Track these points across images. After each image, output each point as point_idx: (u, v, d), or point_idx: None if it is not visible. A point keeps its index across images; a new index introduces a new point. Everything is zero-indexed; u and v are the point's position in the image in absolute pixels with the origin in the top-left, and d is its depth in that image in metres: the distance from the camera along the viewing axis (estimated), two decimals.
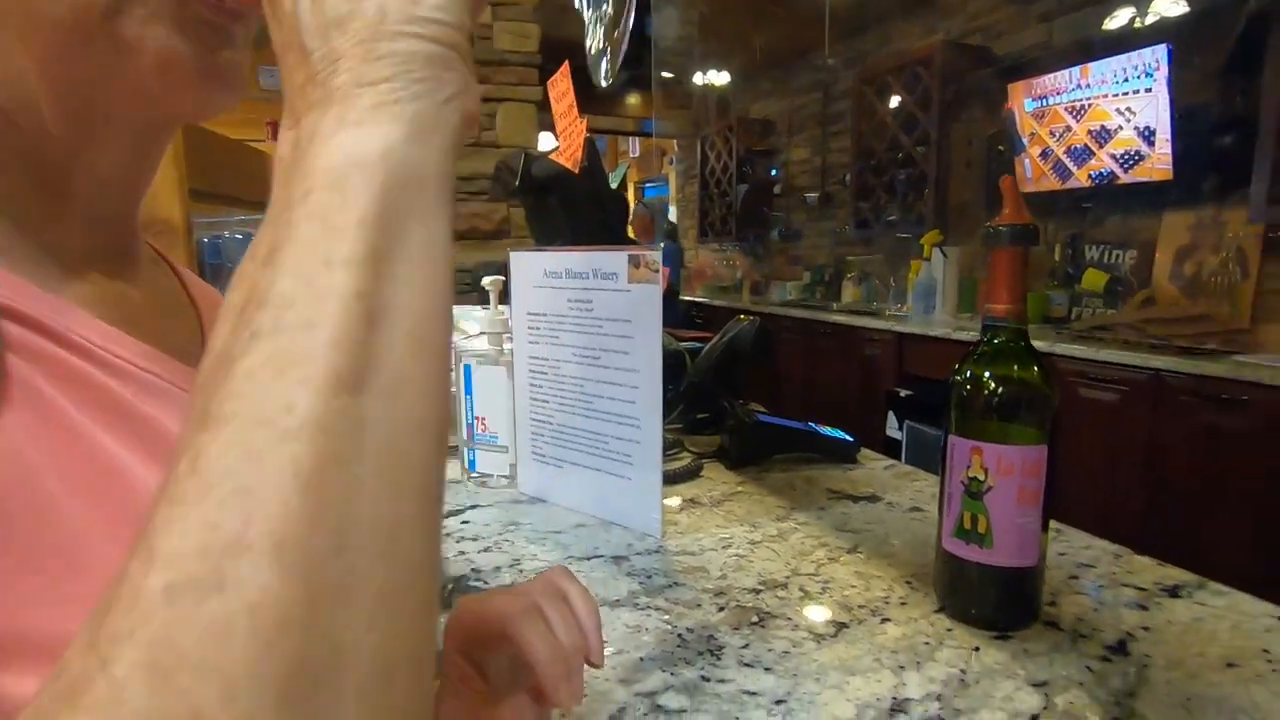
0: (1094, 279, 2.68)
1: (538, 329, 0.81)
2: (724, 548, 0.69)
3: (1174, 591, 0.60)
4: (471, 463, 0.89)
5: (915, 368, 2.95)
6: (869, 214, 3.77)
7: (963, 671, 0.49)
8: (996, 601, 0.55)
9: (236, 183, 1.08)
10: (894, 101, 3.50)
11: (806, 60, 4.55)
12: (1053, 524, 0.55)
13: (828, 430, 0.99)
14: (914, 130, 3.39)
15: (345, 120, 0.21)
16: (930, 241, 3.11)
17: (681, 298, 4.74)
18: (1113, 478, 2.10)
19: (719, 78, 5.25)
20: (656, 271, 0.69)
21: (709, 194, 5.41)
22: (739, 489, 0.86)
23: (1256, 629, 0.54)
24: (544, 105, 1.45)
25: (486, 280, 0.87)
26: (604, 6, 0.36)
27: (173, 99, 0.31)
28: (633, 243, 1.34)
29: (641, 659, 0.51)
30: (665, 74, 5.17)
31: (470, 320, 1.07)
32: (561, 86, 0.95)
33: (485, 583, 0.63)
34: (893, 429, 2.98)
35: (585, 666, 0.37)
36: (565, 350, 0.78)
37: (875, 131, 3.66)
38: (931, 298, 3.09)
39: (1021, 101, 2.88)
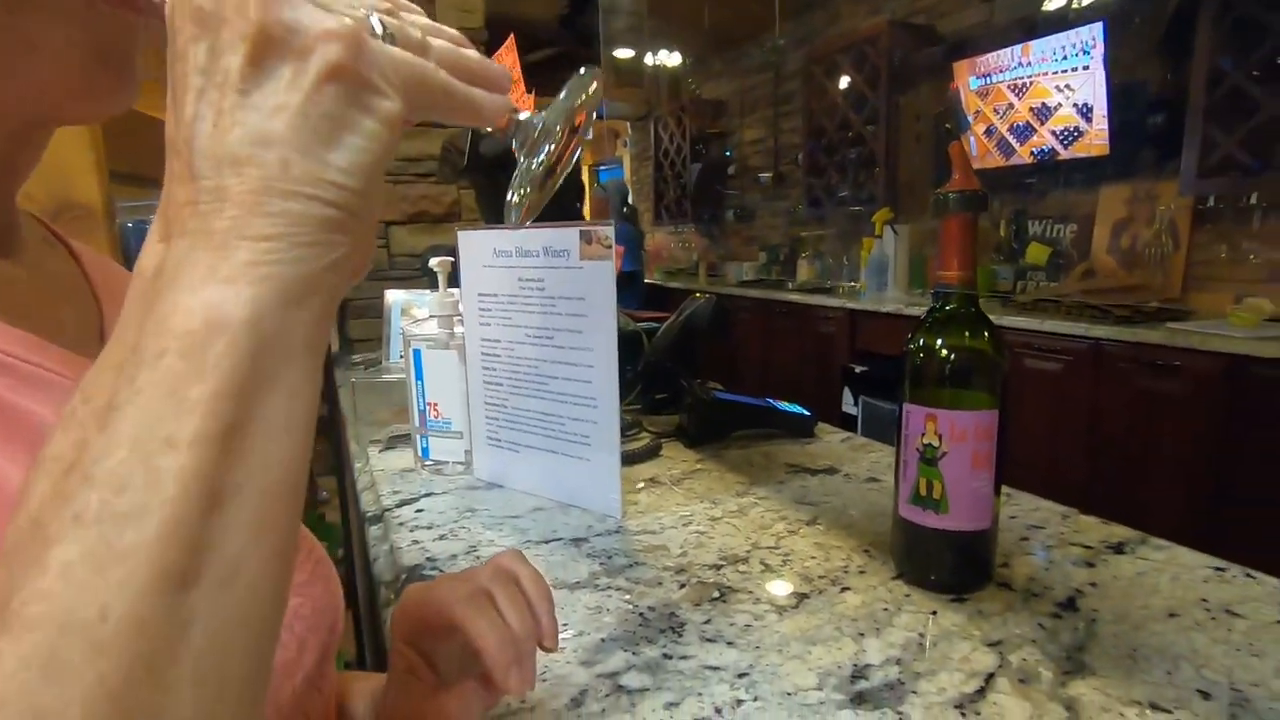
0: (1037, 253, 2.76)
1: (489, 310, 0.78)
2: (684, 525, 0.69)
3: (1118, 548, 0.62)
4: (425, 450, 0.86)
5: (869, 344, 3.01)
6: (821, 193, 3.81)
7: (921, 635, 0.49)
8: (952, 565, 0.55)
9: (161, 164, 1.02)
10: (843, 81, 3.53)
11: (757, 41, 4.55)
12: (1003, 488, 0.56)
13: (785, 406, 1.00)
14: (863, 109, 3.42)
15: (216, 273, 0.19)
16: (881, 219, 3.16)
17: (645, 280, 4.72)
18: (1057, 443, 2.18)
19: (670, 58, 5.21)
20: (609, 248, 0.67)
21: (663, 176, 5.39)
22: (698, 467, 0.86)
23: (1195, 580, 0.56)
24: None
25: (434, 262, 0.84)
26: (540, 157, 0.33)
27: (68, 100, 0.29)
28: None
29: (603, 640, 0.50)
30: (616, 54, 5.11)
31: (420, 304, 1.04)
32: (507, 61, 0.92)
33: (440, 570, 0.62)
34: (848, 405, 3.04)
35: (539, 651, 0.36)
36: (518, 331, 0.76)
37: (826, 111, 3.68)
38: (884, 274, 3.15)
39: (966, 80, 2.94)
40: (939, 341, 0.54)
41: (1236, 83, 2.02)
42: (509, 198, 0.34)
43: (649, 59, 5.15)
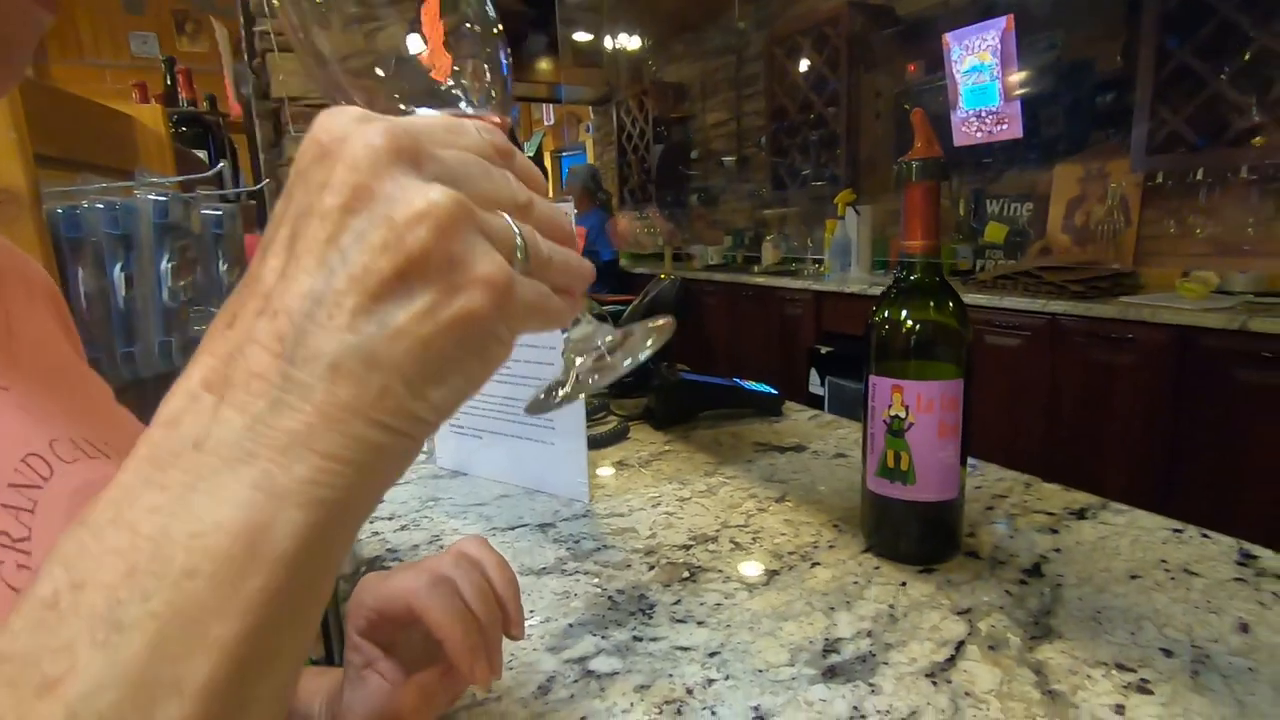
0: (995, 232, 2.81)
1: None
2: (653, 507, 0.68)
3: (1080, 514, 0.63)
4: None
5: (834, 324, 3.03)
6: (785, 175, 3.82)
7: (891, 606, 0.49)
8: (921, 536, 0.55)
9: (94, 147, 0.96)
10: (804, 64, 3.53)
11: (717, 23, 4.52)
12: (968, 459, 0.56)
13: (752, 385, 0.99)
14: (824, 91, 3.43)
15: (271, 483, 0.17)
16: (844, 200, 3.18)
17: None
18: (1017, 416, 2.23)
19: (630, 41, 5.15)
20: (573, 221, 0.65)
21: (627, 161, 5.34)
22: (666, 448, 0.85)
23: (1154, 541, 0.57)
24: None
25: None
26: (588, 362, 0.31)
27: None
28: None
29: (571, 625, 0.48)
30: (575, 37, 5.03)
31: None
32: (428, 20, 0.88)
33: (401, 561, 0.59)
34: (815, 386, 3.07)
35: (506, 640, 0.35)
36: None
37: (787, 93, 3.69)
38: (847, 255, 3.17)
39: (947, 53, 2.96)
40: (904, 313, 0.53)
41: (1183, 60, 2.07)
42: (554, 392, 0.32)
43: (608, 42, 5.09)
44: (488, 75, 0.30)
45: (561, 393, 0.31)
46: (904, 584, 0.52)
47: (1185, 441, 1.85)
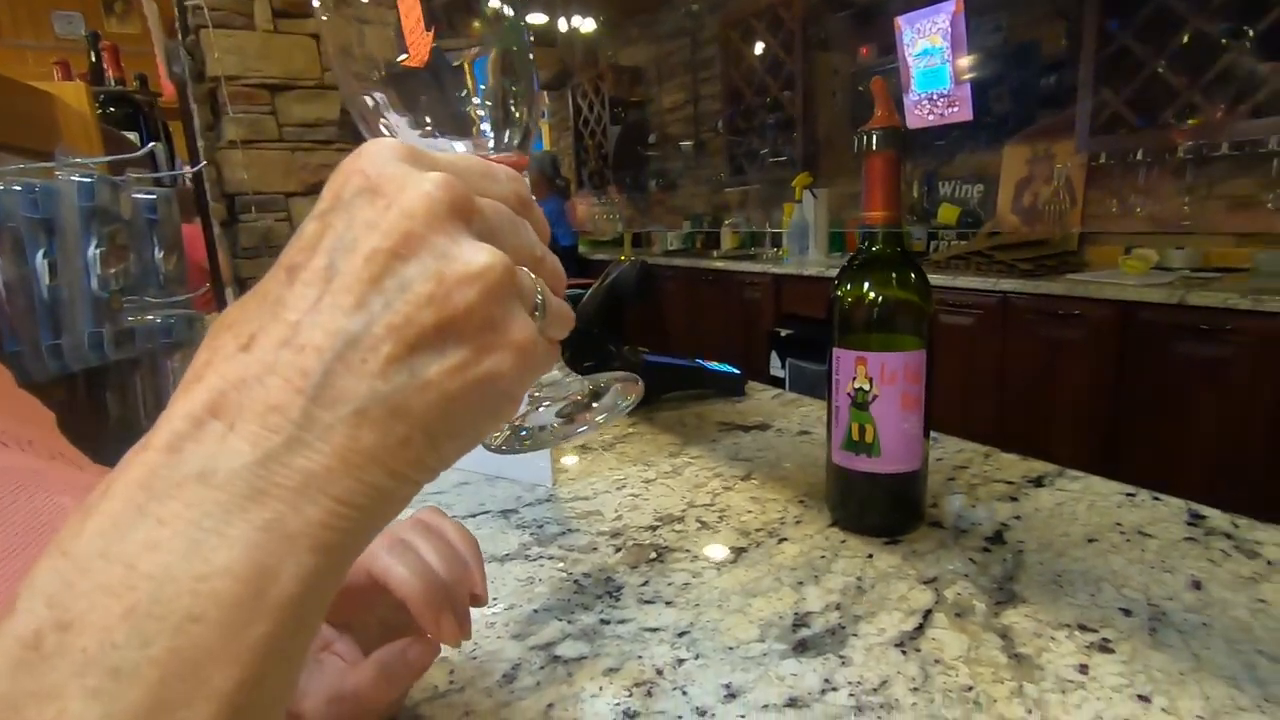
0: (948, 213, 2.87)
1: None
2: (618, 489, 0.67)
3: (1038, 481, 0.64)
4: None
5: (794, 307, 3.06)
6: (743, 159, 3.83)
7: (859, 579, 0.49)
8: (886, 508, 0.55)
9: (7, 127, 0.90)
10: (759, 47, 3.53)
11: (672, 5, 4.49)
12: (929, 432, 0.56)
13: (714, 365, 0.99)
14: (780, 74, 3.44)
15: (282, 526, 0.16)
16: (801, 184, 3.20)
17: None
18: (970, 392, 2.29)
19: (584, 24, 5.07)
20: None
21: (584, 145, 5.29)
22: (630, 430, 0.84)
23: (1109, 506, 0.59)
24: None
25: None
26: (553, 411, 0.31)
27: None
28: None
29: (535, 611, 0.47)
30: (529, 19, 4.93)
31: None
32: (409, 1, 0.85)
33: None
34: (776, 368, 3.10)
35: (471, 612, 0.33)
36: None
37: (744, 76, 3.69)
38: (805, 239, 3.20)
39: (899, 35, 2.99)
40: (866, 284, 0.53)
41: (1123, 43, 2.13)
42: (522, 435, 0.31)
43: (563, 24, 5.01)
44: (514, 107, 0.29)
45: (529, 441, 0.31)
46: (870, 556, 0.52)
47: (1129, 411, 1.92)
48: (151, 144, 0.88)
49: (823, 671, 0.40)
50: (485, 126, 0.28)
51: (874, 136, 0.51)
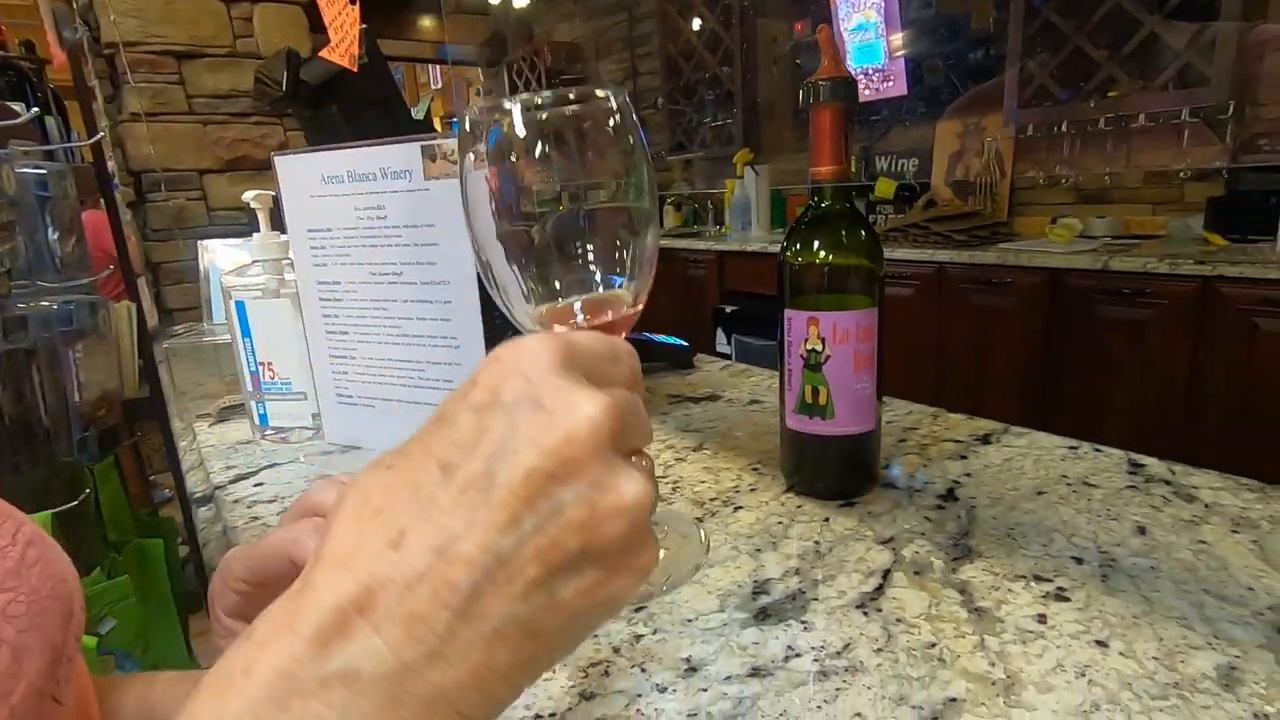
0: (885, 187, 2.91)
1: (323, 248, 0.68)
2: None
3: (985, 439, 0.65)
4: (263, 417, 0.75)
5: (738, 284, 3.07)
6: (683, 137, 3.80)
7: (817, 543, 0.48)
8: (841, 471, 0.55)
9: None
10: (696, 22, 3.49)
11: None
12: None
13: (662, 338, 0.97)
14: (718, 50, 3.42)
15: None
16: (742, 160, 3.20)
17: None
18: (912, 361, 2.35)
19: None
20: (456, 163, 0.59)
21: None
22: None
23: (1054, 459, 0.59)
24: (312, 6, 1.23)
25: (250, 195, 0.71)
26: None
27: None
28: None
29: None
30: None
31: (239, 252, 0.90)
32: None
33: None
34: (722, 345, 3.11)
35: None
36: (360, 270, 0.66)
37: (682, 52, 3.65)
38: (748, 214, 3.21)
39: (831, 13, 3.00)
40: (816, 242, 0.51)
41: (1046, 17, 2.19)
42: None
43: None
44: (629, 255, 0.30)
45: None
46: (827, 519, 0.51)
47: (1059, 370, 2.01)
48: (34, 110, 0.80)
49: (785, 638, 0.38)
50: (594, 270, 0.29)
51: (821, 88, 0.49)
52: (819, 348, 0.51)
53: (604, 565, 0.18)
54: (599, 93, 0.29)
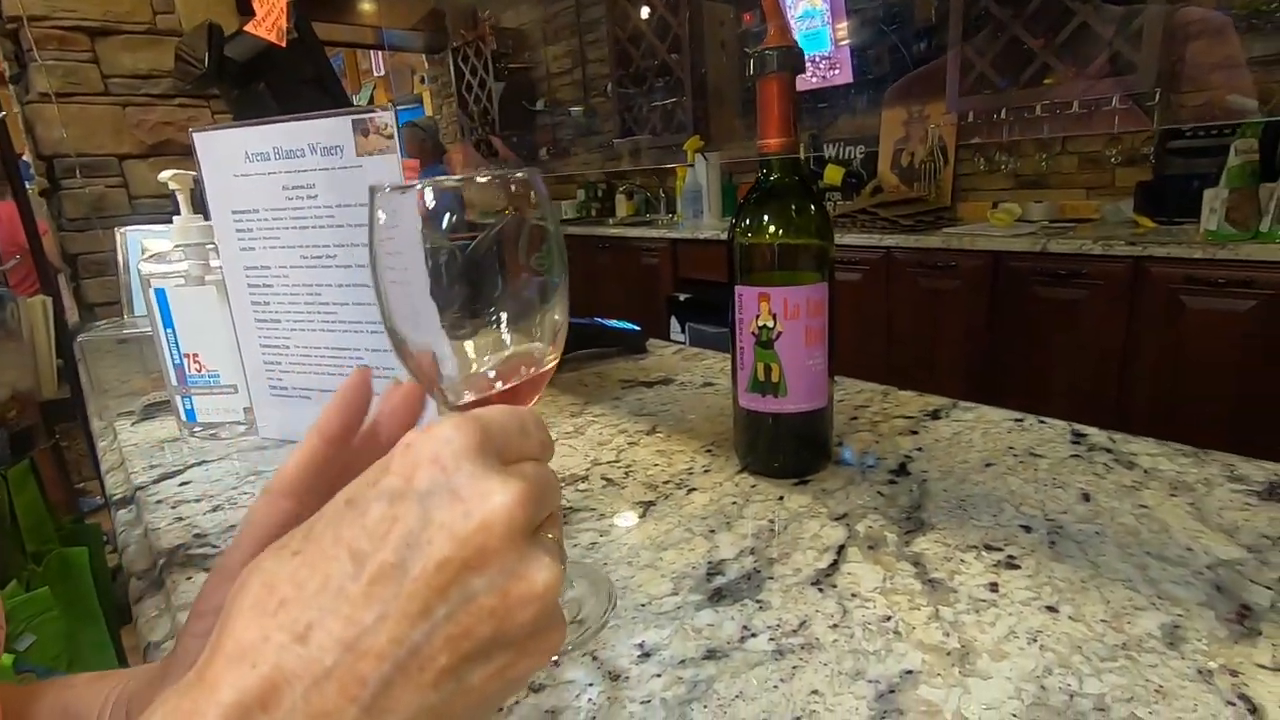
0: (833, 174, 2.95)
1: (250, 231, 0.64)
2: None
3: (935, 414, 0.65)
4: (190, 413, 0.71)
5: (691, 271, 3.07)
6: (633, 125, 3.77)
7: (771, 522, 0.47)
8: (795, 449, 0.54)
9: None
10: (644, 11, 3.46)
11: None
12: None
13: (614, 323, 0.95)
14: (667, 36, 3.40)
15: None
16: (692, 148, 3.20)
17: None
18: (861, 344, 2.39)
19: None
20: (391, 138, 0.56)
21: (469, 113, 5.05)
22: None
23: (1001, 431, 0.60)
24: None
25: (167, 175, 0.67)
26: None
27: None
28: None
29: None
30: None
31: (159, 238, 0.84)
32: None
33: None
34: (676, 333, 3.11)
35: None
36: (290, 253, 0.63)
37: (631, 39, 3.61)
38: (699, 202, 3.21)
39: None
40: (765, 217, 0.50)
41: (986, 6, 2.24)
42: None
43: None
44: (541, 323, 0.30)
45: None
46: (781, 498, 0.51)
47: (1001, 348, 2.07)
48: None
49: (740, 619, 0.37)
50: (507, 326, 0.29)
51: (768, 57, 0.48)
52: (770, 324, 0.50)
53: (513, 649, 0.19)
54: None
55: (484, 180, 0.31)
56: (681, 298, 3.08)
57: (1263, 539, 0.42)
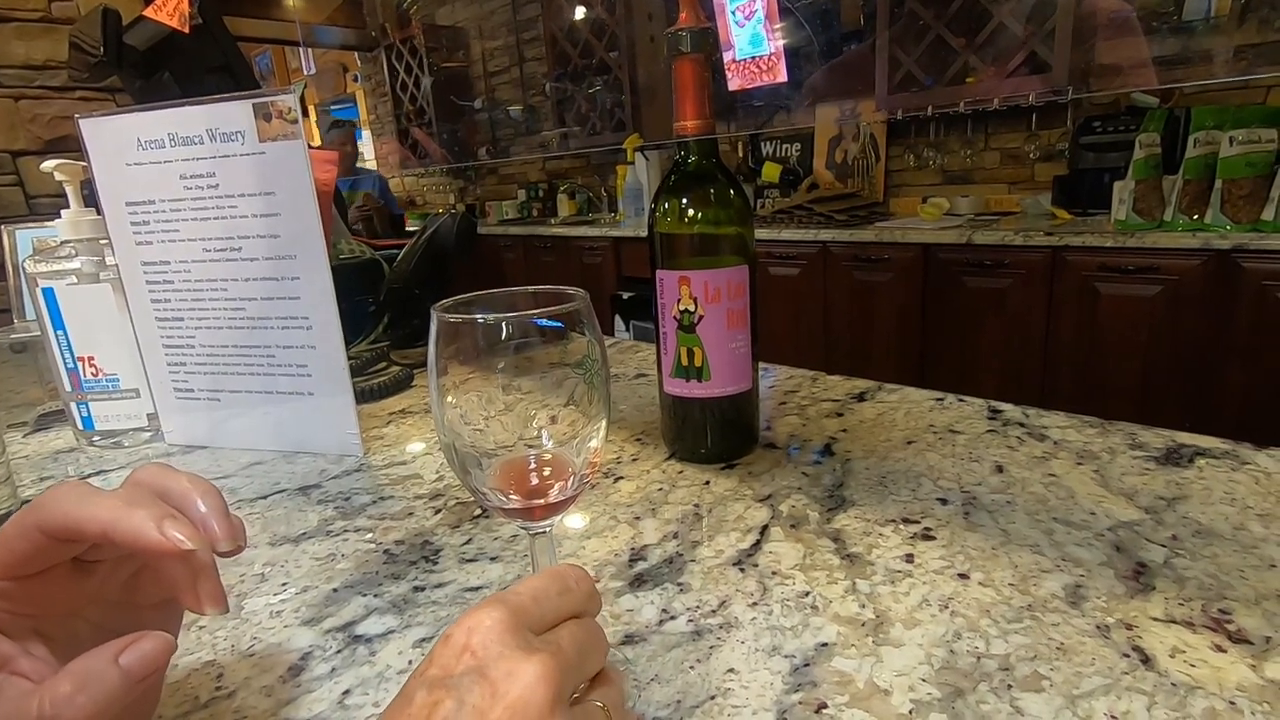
0: (771, 171, 3.00)
1: (146, 224, 0.60)
2: (439, 449, 0.60)
3: (860, 397, 0.66)
4: (87, 420, 0.66)
5: (634, 270, 3.08)
6: (573, 124, 3.75)
7: (696, 506, 0.47)
8: (720, 433, 0.54)
9: None
10: (580, 11, 3.45)
11: None
12: (759, 365, 0.56)
13: (545, 322, 0.94)
14: (604, 35, 3.39)
15: None
16: (632, 145, 3.20)
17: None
18: (799, 336, 2.43)
19: None
20: (295, 123, 0.54)
21: (405, 114, 4.93)
22: None
23: (922, 410, 0.61)
24: None
25: (51, 165, 0.62)
26: None
27: None
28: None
29: (335, 590, 0.40)
30: None
31: (51, 235, 0.79)
32: None
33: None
34: (620, 331, 3.11)
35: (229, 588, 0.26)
36: (192, 247, 0.59)
37: (568, 37, 3.59)
38: (640, 200, 3.21)
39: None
40: (684, 200, 0.50)
41: (912, 8, 2.31)
42: None
43: None
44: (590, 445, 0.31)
45: None
46: (707, 483, 0.50)
47: (932, 335, 2.15)
48: None
49: (660, 602, 0.37)
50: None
51: (680, 38, 0.47)
52: (691, 308, 0.50)
53: None
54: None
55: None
56: (625, 296, 3.07)
57: (1158, 500, 0.44)
